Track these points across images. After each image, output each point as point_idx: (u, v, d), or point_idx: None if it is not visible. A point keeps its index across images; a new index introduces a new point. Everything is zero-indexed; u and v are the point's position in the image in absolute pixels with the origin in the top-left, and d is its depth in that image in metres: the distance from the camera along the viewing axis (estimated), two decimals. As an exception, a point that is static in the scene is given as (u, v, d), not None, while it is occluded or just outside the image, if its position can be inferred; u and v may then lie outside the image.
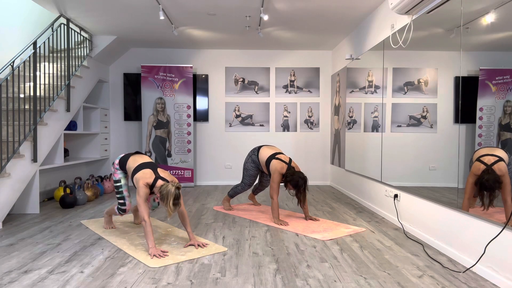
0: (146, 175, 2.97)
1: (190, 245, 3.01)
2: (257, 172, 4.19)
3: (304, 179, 3.69)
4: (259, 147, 4.13)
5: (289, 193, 3.92)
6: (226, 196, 4.46)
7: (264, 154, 4.02)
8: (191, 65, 6.17)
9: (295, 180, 3.68)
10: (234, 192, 4.36)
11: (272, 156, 3.92)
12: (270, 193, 3.84)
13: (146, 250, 2.89)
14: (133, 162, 3.14)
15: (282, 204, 4.75)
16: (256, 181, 4.43)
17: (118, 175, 3.28)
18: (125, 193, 3.26)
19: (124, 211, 3.26)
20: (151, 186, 2.97)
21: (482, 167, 2.44)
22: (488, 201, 2.36)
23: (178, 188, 2.86)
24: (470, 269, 2.53)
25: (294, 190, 3.73)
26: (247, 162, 4.19)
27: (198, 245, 2.98)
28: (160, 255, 2.75)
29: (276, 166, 3.82)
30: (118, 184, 3.27)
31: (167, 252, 2.83)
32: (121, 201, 3.25)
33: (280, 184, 4.41)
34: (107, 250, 2.93)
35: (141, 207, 2.88)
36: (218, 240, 3.22)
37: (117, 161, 3.29)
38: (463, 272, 2.49)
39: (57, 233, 3.42)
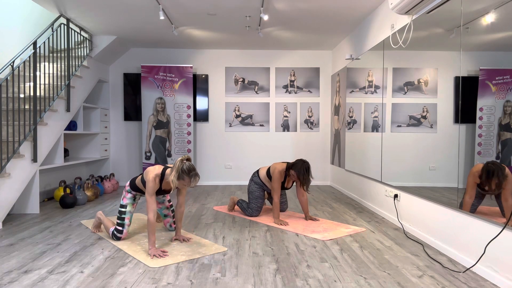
0: (155, 168, 2.97)
1: (175, 239, 3.16)
2: (262, 194, 4.08)
3: (305, 162, 3.73)
4: (258, 169, 4.18)
5: (292, 179, 3.85)
6: (234, 199, 4.33)
7: (263, 170, 4.08)
8: (191, 65, 6.17)
9: (296, 164, 3.74)
10: (241, 208, 4.17)
11: (270, 166, 4.01)
12: (272, 193, 3.86)
13: (146, 250, 2.89)
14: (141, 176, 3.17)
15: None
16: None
17: (127, 200, 3.17)
18: (126, 221, 3.15)
19: (119, 238, 3.14)
20: (161, 180, 2.95)
21: (483, 165, 2.45)
22: (495, 185, 2.33)
23: (187, 159, 2.86)
24: (470, 269, 2.53)
25: (296, 174, 3.72)
26: (250, 186, 4.13)
27: (183, 240, 3.13)
28: (160, 255, 2.75)
29: (276, 166, 3.87)
30: (122, 209, 3.16)
31: (167, 252, 2.84)
32: (120, 227, 3.14)
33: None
34: (107, 250, 2.93)
35: (148, 202, 2.85)
36: (218, 240, 3.21)
37: (127, 183, 3.23)
38: (463, 272, 2.49)
39: (57, 233, 3.42)
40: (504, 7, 2.26)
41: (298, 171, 3.71)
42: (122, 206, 3.17)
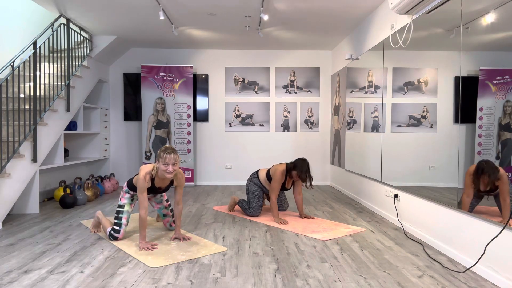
0: (146, 167, 3.01)
1: (175, 238, 3.16)
2: (262, 193, 4.13)
3: (305, 160, 3.84)
4: (257, 171, 4.22)
5: (293, 179, 3.96)
6: (235, 199, 4.31)
7: (262, 172, 4.13)
8: (191, 65, 6.17)
9: (296, 164, 3.83)
10: (242, 208, 4.16)
11: (270, 168, 4.05)
12: (269, 193, 3.91)
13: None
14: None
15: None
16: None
17: (124, 200, 3.19)
18: (123, 221, 3.14)
19: (116, 238, 3.11)
20: (153, 178, 3.02)
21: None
22: (485, 183, 2.37)
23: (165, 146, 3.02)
24: (470, 269, 2.53)
25: (297, 173, 3.81)
26: (249, 186, 4.15)
27: (183, 239, 3.15)
28: (149, 248, 2.88)
29: (277, 167, 3.93)
30: (120, 209, 3.17)
31: (156, 245, 2.99)
32: (117, 227, 3.13)
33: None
34: (107, 250, 2.93)
35: (140, 200, 2.93)
36: (218, 240, 3.21)
37: (125, 184, 3.24)
38: (463, 272, 2.49)
39: (57, 233, 3.42)
40: (504, 7, 2.26)
41: (300, 171, 3.80)
42: (120, 206, 3.18)
